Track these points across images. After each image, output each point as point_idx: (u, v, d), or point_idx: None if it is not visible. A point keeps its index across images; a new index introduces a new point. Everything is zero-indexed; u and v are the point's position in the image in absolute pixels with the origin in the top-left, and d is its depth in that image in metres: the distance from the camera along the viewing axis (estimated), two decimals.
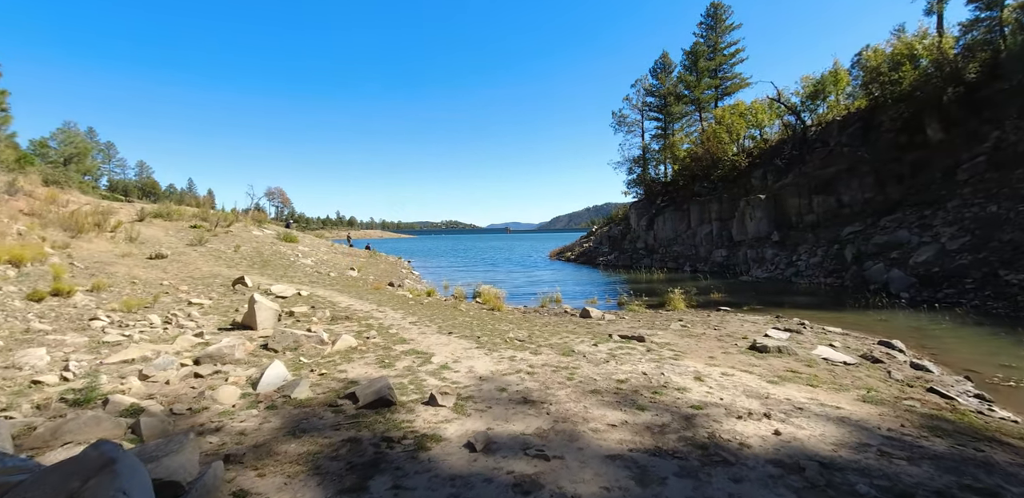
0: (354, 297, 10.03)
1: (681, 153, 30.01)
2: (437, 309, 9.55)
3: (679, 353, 6.05)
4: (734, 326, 8.65)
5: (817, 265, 18.04)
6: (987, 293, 11.80)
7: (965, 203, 15.39)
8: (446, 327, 7.08)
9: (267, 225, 25.80)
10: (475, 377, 4.43)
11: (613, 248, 31.98)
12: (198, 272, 11.93)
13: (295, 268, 15.43)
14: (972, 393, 5.63)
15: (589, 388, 4.22)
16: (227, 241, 18.09)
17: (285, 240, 21.82)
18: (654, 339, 6.88)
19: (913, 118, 18.94)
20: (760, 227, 22.75)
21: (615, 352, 5.85)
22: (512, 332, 7.18)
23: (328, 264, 18.60)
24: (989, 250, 13.04)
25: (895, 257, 15.32)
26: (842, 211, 20.27)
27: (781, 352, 6.34)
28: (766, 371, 5.38)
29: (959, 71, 17.78)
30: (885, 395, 4.75)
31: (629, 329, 8.11)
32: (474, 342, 5.99)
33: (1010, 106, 16.08)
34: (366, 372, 4.41)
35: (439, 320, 7.74)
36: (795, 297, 14.43)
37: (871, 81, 20.88)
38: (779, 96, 25.64)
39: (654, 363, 5.38)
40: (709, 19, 32.52)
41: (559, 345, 6.15)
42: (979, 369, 6.88)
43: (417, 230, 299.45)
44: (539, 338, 6.67)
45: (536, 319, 9.39)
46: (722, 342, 7.08)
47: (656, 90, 35.41)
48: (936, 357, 7.61)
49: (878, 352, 7.17)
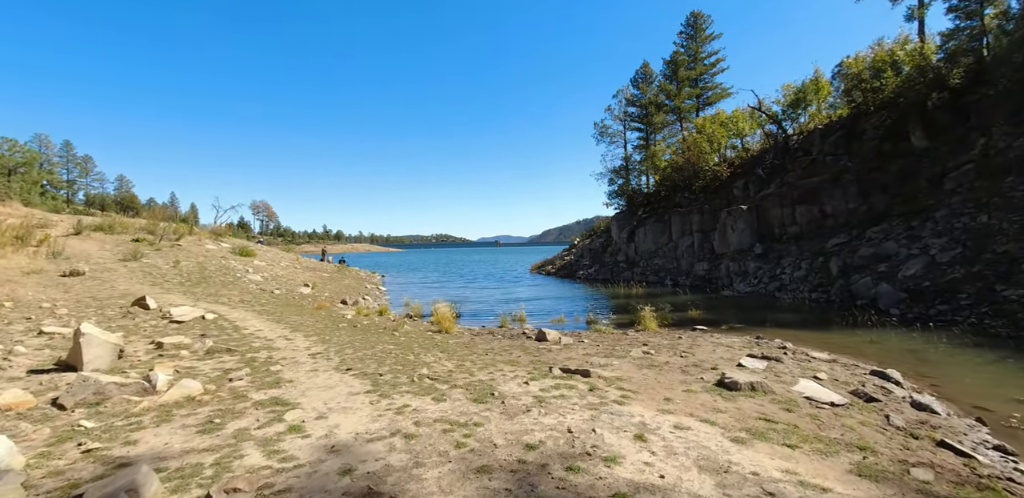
0: (273, 320, 8.73)
1: (662, 163, 29.26)
2: (367, 334, 8.28)
3: (628, 394, 4.85)
4: (705, 352, 7.48)
5: (801, 279, 17.06)
6: (984, 310, 10.81)
7: (954, 213, 14.56)
8: (354, 360, 5.82)
9: (226, 239, 24.35)
10: (325, 447, 3.18)
11: (594, 261, 30.90)
12: (108, 292, 10.54)
13: (235, 285, 14.05)
14: (990, 444, 4.50)
15: (478, 463, 3.00)
16: (169, 256, 16.68)
17: (240, 254, 20.42)
18: (603, 373, 5.67)
19: (897, 125, 18.28)
20: (742, 239, 21.84)
21: (547, 394, 4.64)
22: (435, 364, 5.93)
23: (280, 280, 17.22)
24: (983, 263, 12.12)
25: (883, 270, 14.37)
26: (826, 222, 19.43)
27: (755, 390, 5.17)
28: (733, 420, 4.20)
29: (943, 77, 17.20)
30: (886, 458, 3.58)
31: (582, 358, 6.91)
32: (370, 383, 4.74)
33: (997, 112, 15.43)
34: (166, 443, 3.15)
35: (354, 349, 6.49)
36: (778, 314, 13.35)
37: (853, 88, 20.31)
38: (760, 105, 25.07)
39: (590, 412, 4.18)
40: (689, 28, 32.22)
41: (480, 385, 4.92)
42: (990, 405, 5.78)
43: (406, 244, 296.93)
44: (462, 374, 5.44)
45: (481, 345, 8.15)
46: (686, 375, 5.90)
47: (637, 100, 34.87)
48: (938, 390, 6.50)
49: (871, 386, 6.03)
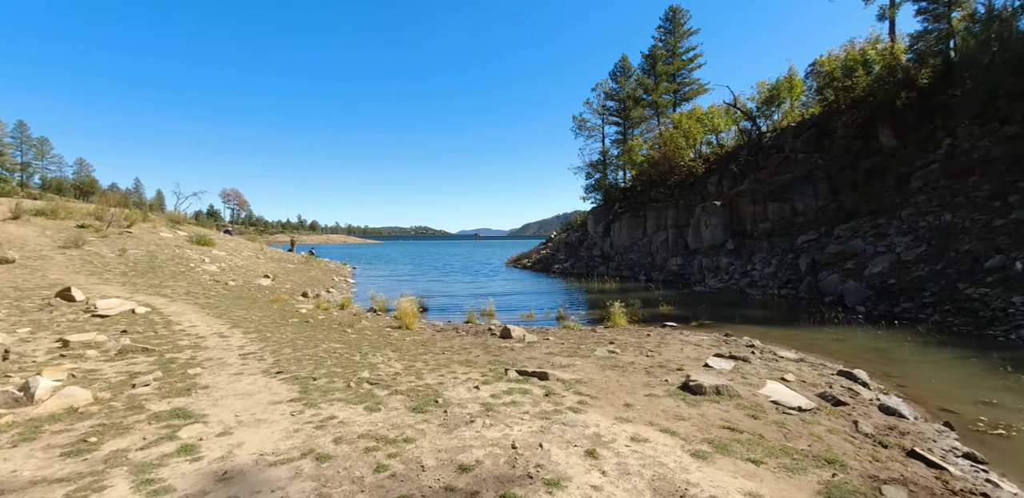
0: (215, 315, 8.04)
1: (639, 158, 29.10)
2: (317, 330, 7.70)
3: (586, 399, 4.47)
4: (672, 350, 7.19)
5: (771, 275, 17.12)
6: (947, 308, 10.90)
7: (920, 211, 14.74)
8: (290, 361, 5.27)
9: (184, 226, 23.09)
10: (214, 474, 2.67)
11: (569, 255, 30.67)
12: (36, 281, 9.62)
13: (186, 276, 13.16)
14: (960, 451, 4.29)
15: (396, 494, 2.54)
16: (117, 244, 15.58)
17: (197, 243, 19.34)
18: (563, 375, 5.28)
19: (867, 124, 18.44)
20: (715, 235, 21.87)
21: (497, 401, 4.21)
22: (383, 365, 5.43)
23: (239, 271, 16.31)
24: (946, 261, 12.26)
25: (850, 268, 14.48)
26: (797, 219, 19.57)
27: (720, 394, 4.86)
28: (695, 430, 3.85)
29: (911, 77, 17.37)
30: (856, 474, 3.28)
31: (543, 357, 6.51)
32: (299, 389, 4.21)
33: (962, 112, 15.65)
34: (14, 471, 2.57)
35: (294, 349, 5.92)
36: (748, 310, 13.29)
37: (825, 86, 20.41)
38: (735, 101, 25.07)
39: (540, 422, 3.76)
40: (668, 23, 31.99)
41: (425, 390, 4.45)
42: (957, 408, 5.64)
43: (385, 235, 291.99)
44: (409, 377, 4.96)
45: (440, 342, 7.68)
46: (651, 376, 5.57)
47: (616, 94, 34.57)
48: (905, 390, 6.36)
49: (839, 387, 5.83)
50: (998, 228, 12.18)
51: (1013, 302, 9.75)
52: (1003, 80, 14.81)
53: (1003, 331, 9.17)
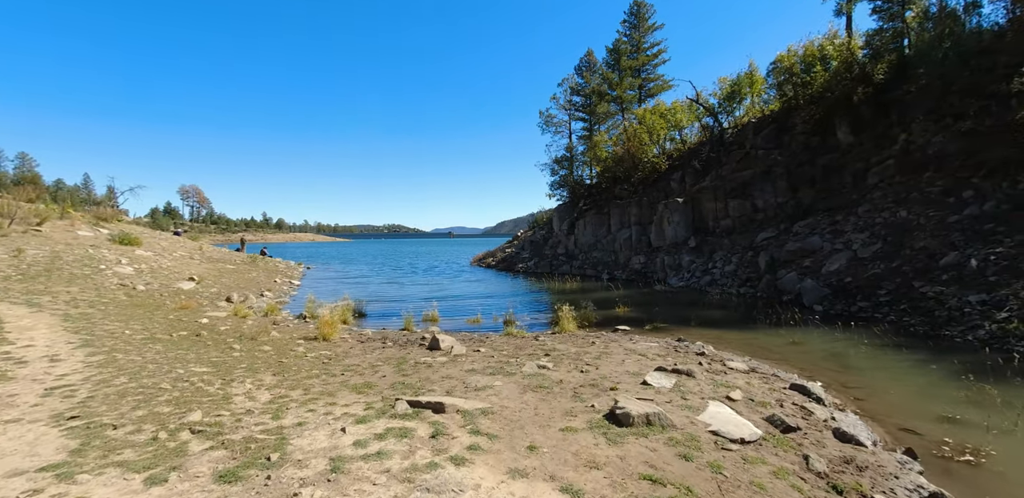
0: (75, 330, 6.74)
1: (603, 154, 28.54)
2: (196, 346, 6.55)
3: (482, 442, 3.55)
4: (613, 362, 6.38)
5: (731, 273, 16.71)
6: (903, 307, 10.54)
7: (876, 208, 14.53)
8: (107, 397, 4.13)
9: (111, 224, 21.10)
10: None
11: (533, 254, 29.88)
12: None
13: (87, 280, 11.63)
14: (926, 491, 3.58)
15: None
16: (16, 243, 13.80)
17: (120, 242, 17.57)
18: (466, 405, 4.35)
19: (825, 120, 18.26)
20: (678, 232, 21.44)
21: (357, 452, 3.24)
22: (240, 398, 4.38)
23: (160, 273, 14.75)
24: (902, 259, 11.96)
25: (808, 266, 14.13)
26: (757, 216, 19.29)
27: (650, 425, 4.03)
28: (606, 484, 2.99)
29: (867, 72, 17.23)
30: None
31: (461, 376, 5.58)
32: (73, 447, 3.11)
33: (917, 108, 15.54)
34: None
35: (131, 377, 4.80)
36: (706, 311, 12.73)
37: (784, 82, 20.21)
38: (698, 97, 24.74)
39: (399, 488, 2.81)
40: (632, 17, 31.49)
41: (267, 439, 3.43)
42: (919, 427, 5.01)
43: (356, 234, 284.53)
44: (263, 416, 3.93)
45: (350, 358, 6.64)
46: (576, 400, 4.71)
47: (582, 89, 33.95)
48: (863, 405, 5.72)
49: (790, 407, 5.11)
50: (952, 224, 11.96)
51: (969, 301, 9.40)
52: (956, 76, 14.73)
53: (960, 331, 8.79)
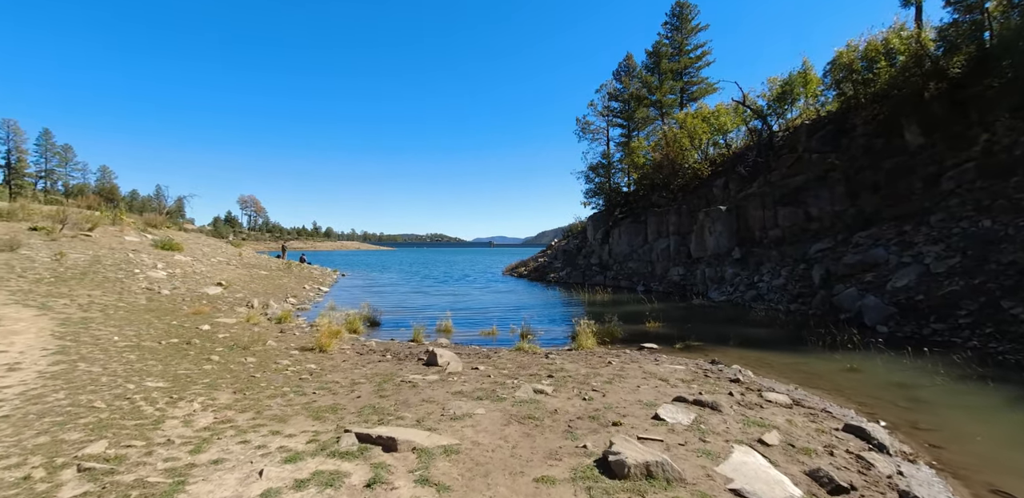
0: (60, 335, 6.60)
1: (641, 160, 27.35)
2: (175, 356, 6.25)
3: (427, 495, 2.86)
4: (626, 389, 5.51)
5: (780, 288, 15.17)
6: (988, 330, 8.94)
7: (952, 217, 12.72)
8: (20, 420, 3.74)
9: (161, 230, 22.14)
10: None
11: (566, 264, 28.91)
12: None
13: (115, 283, 11.94)
14: None
15: None
16: (63, 247, 14.52)
17: (161, 248, 18.30)
18: (427, 441, 3.66)
19: (890, 120, 16.46)
20: (720, 242, 19.95)
21: None
22: (172, 424, 3.89)
23: (192, 278, 15.10)
24: (986, 274, 10.27)
25: (870, 280, 12.51)
26: (810, 225, 17.58)
27: (651, 478, 3.19)
28: None
29: (941, 67, 15.39)
30: None
31: (444, 400, 4.91)
32: None
33: (1001, 105, 13.62)
34: None
35: (70, 392, 4.45)
36: (748, 329, 11.44)
37: (843, 79, 18.50)
38: (744, 99, 23.21)
39: None
40: (675, 19, 30.32)
41: (166, 480, 2.89)
42: (1015, 487, 3.86)
43: (399, 242, 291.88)
44: (184, 447, 3.41)
45: (335, 372, 6.13)
46: (567, 438, 3.92)
47: (620, 94, 32.95)
48: (939, 454, 4.56)
49: (843, 456, 4.08)
50: None
51: None
52: None
53: None
